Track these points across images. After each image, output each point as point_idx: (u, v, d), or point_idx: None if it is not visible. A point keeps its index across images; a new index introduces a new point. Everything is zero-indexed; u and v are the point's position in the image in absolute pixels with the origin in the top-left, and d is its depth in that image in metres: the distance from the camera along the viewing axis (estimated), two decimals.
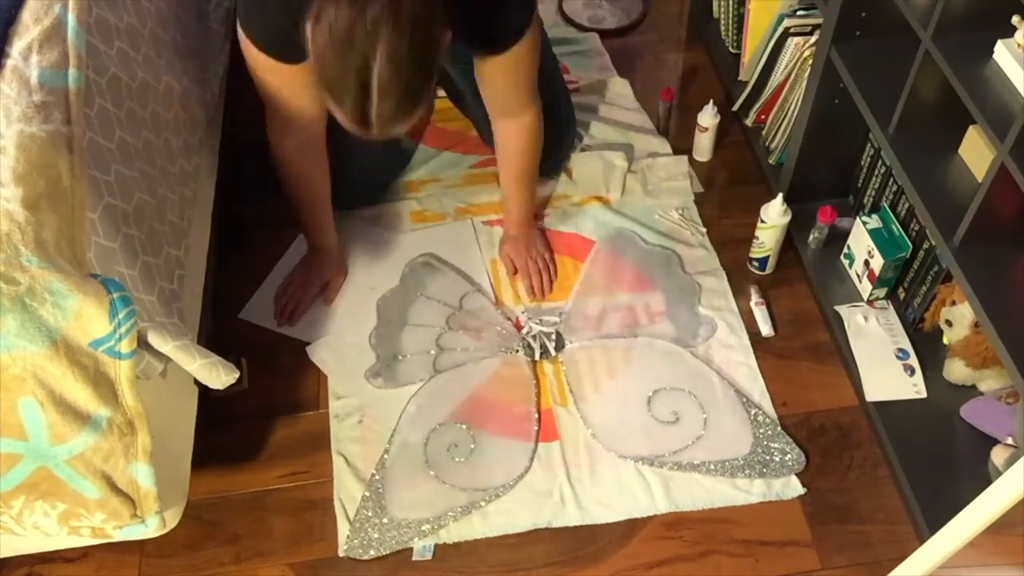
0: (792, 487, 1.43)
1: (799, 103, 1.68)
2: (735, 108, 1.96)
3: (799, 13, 1.71)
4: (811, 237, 1.70)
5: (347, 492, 1.43)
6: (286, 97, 1.46)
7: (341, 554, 1.37)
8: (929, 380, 1.49)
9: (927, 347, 1.53)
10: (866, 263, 1.58)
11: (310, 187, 1.61)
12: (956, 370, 1.46)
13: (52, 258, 0.99)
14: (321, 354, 1.60)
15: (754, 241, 1.67)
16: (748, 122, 1.93)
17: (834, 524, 1.39)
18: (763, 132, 1.90)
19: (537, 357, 1.59)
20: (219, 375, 1.21)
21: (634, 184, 1.86)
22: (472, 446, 1.48)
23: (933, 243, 1.45)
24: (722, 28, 2.07)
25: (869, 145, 1.64)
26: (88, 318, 1.00)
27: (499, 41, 1.36)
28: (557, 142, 1.76)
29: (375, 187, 1.82)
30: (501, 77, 1.45)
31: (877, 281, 1.57)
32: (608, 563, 1.36)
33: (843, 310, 1.61)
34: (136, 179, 1.23)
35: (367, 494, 1.42)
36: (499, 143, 1.62)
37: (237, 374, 1.24)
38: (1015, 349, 1.12)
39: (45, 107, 1.06)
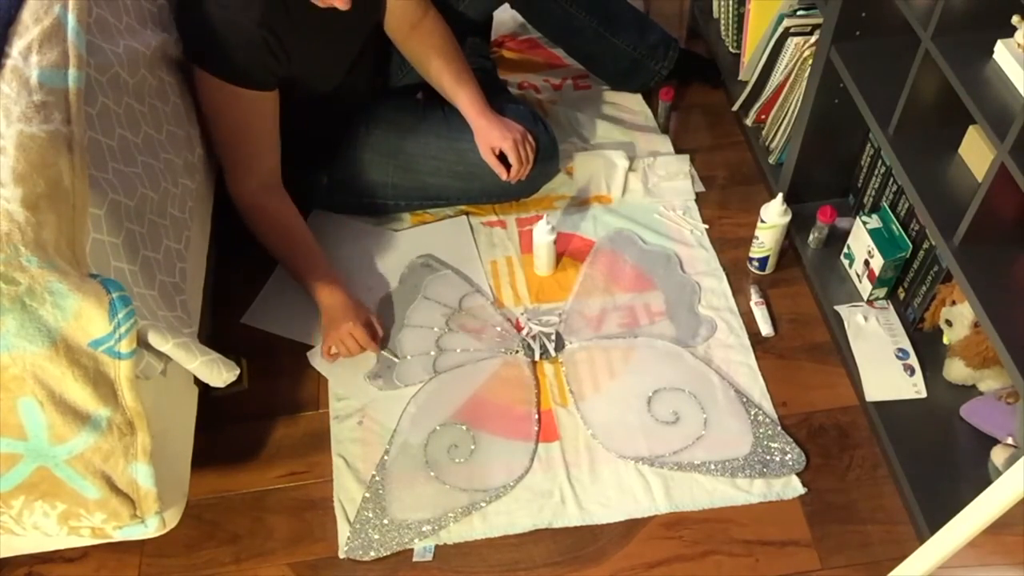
0: (792, 487, 1.43)
1: (799, 103, 1.68)
2: (735, 108, 1.96)
3: (799, 13, 1.71)
4: (811, 237, 1.70)
5: (347, 493, 1.43)
6: (249, 128, 1.50)
7: (342, 556, 1.37)
8: (929, 380, 1.49)
9: (927, 347, 1.53)
10: (866, 263, 1.58)
11: (287, 225, 1.59)
12: (956, 370, 1.46)
13: (52, 258, 0.99)
14: (321, 356, 1.60)
15: (754, 241, 1.67)
16: (748, 122, 1.93)
17: (834, 524, 1.39)
18: (763, 132, 1.90)
19: (537, 357, 1.59)
20: (220, 372, 1.21)
21: (635, 183, 1.86)
22: (472, 447, 1.48)
23: (933, 243, 1.45)
24: (722, 28, 2.07)
25: (869, 145, 1.64)
26: (88, 318, 1.00)
27: None
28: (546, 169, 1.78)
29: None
30: None
31: (877, 281, 1.57)
32: (608, 563, 1.36)
33: (843, 310, 1.61)
34: (138, 174, 1.23)
35: (367, 495, 1.42)
36: (424, 51, 1.67)
37: (238, 371, 1.24)
38: (1015, 349, 1.12)
39: (45, 107, 1.06)
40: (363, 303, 1.61)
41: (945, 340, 1.52)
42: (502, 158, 1.66)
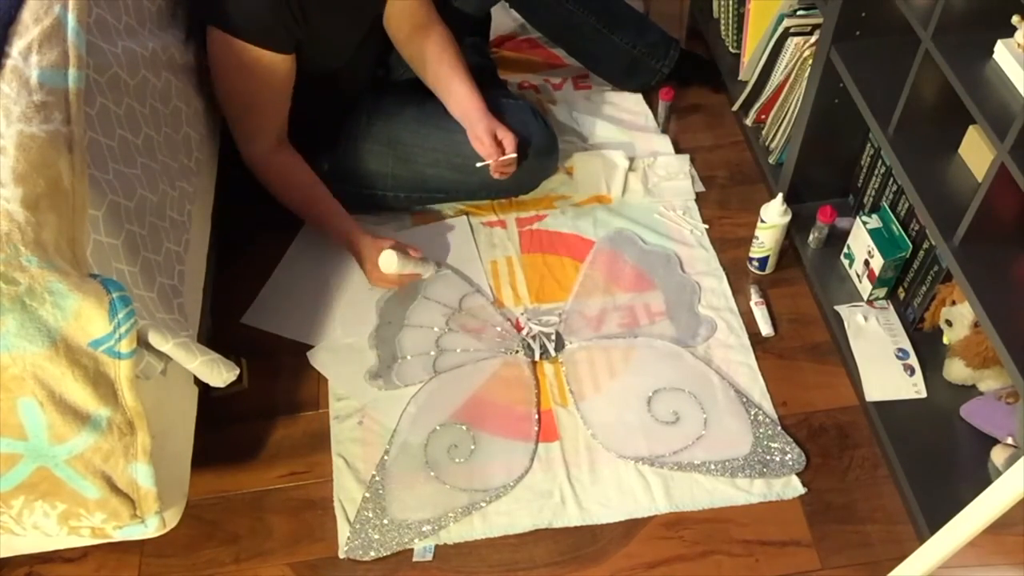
0: (792, 487, 1.43)
1: (799, 103, 1.68)
2: (735, 108, 1.96)
3: (799, 13, 1.71)
4: (811, 237, 1.70)
5: (347, 493, 1.43)
6: (264, 93, 1.52)
7: (342, 556, 1.37)
8: (929, 380, 1.49)
9: (927, 347, 1.53)
10: (866, 263, 1.58)
11: (300, 179, 1.65)
12: (956, 370, 1.46)
13: (52, 258, 0.99)
14: (321, 356, 1.60)
15: (754, 241, 1.67)
16: (748, 122, 1.93)
17: (834, 524, 1.39)
18: (763, 132, 1.90)
19: (537, 357, 1.59)
20: (220, 372, 1.21)
21: (635, 183, 1.86)
22: (472, 447, 1.48)
23: (933, 243, 1.45)
24: (722, 28, 2.07)
25: (869, 145, 1.64)
26: (88, 318, 1.00)
27: None
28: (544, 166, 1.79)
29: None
30: None
31: (877, 281, 1.57)
32: (608, 563, 1.36)
33: (843, 310, 1.61)
34: (137, 175, 1.23)
35: (367, 495, 1.42)
36: (432, 52, 1.68)
37: (237, 371, 1.24)
38: (1015, 349, 1.12)
39: (45, 107, 1.06)
40: (378, 240, 1.64)
41: (945, 340, 1.52)
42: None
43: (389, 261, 1.57)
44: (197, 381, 1.37)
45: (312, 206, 1.67)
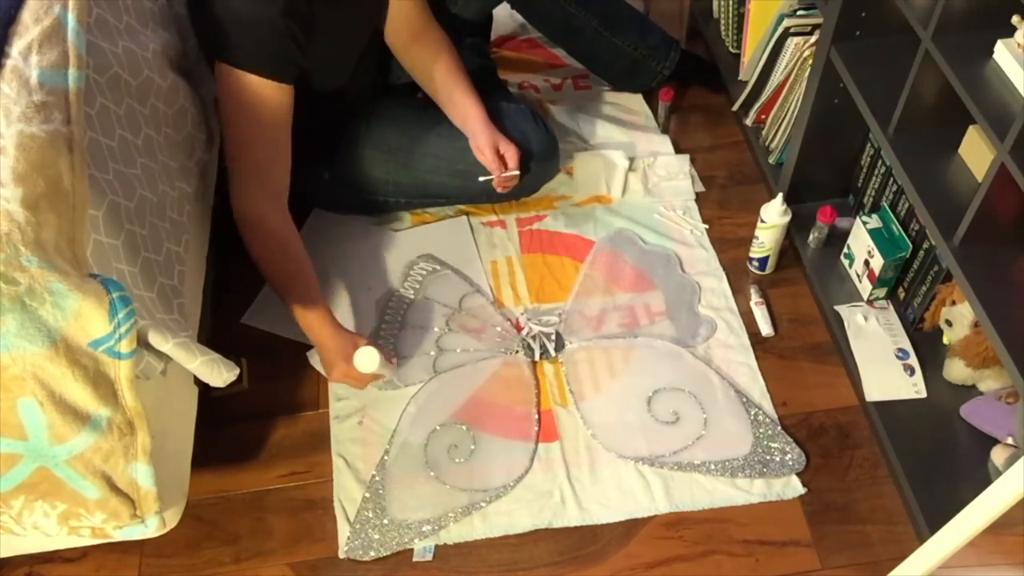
0: (792, 487, 1.43)
1: (799, 103, 1.68)
2: (735, 108, 1.96)
3: (799, 13, 1.71)
4: (811, 237, 1.70)
5: (347, 493, 1.43)
6: (267, 127, 1.45)
7: (342, 556, 1.37)
8: (929, 380, 1.49)
9: (927, 347, 1.53)
10: (866, 263, 1.58)
11: (287, 251, 1.49)
12: (956, 370, 1.46)
13: (52, 258, 0.99)
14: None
15: (754, 241, 1.67)
16: (748, 122, 1.93)
17: (834, 524, 1.39)
18: (763, 132, 1.90)
19: (537, 358, 1.59)
20: (220, 372, 1.21)
21: (635, 183, 1.86)
22: (472, 447, 1.48)
23: (933, 243, 1.45)
24: (722, 28, 2.07)
25: (869, 145, 1.64)
26: (88, 318, 1.00)
27: None
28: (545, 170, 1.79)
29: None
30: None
31: (877, 281, 1.57)
32: (608, 563, 1.36)
33: (843, 310, 1.61)
34: (137, 176, 1.23)
35: (367, 495, 1.42)
36: (431, 59, 1.67)
37: (237, 371, 1.24)
38: (1015, 349, 1.12)
39: (45, 107, 1.06)
40: (353, 335, 1.49)
41: (945, 340, 1.52)
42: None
43: (371, 360, 1.41)
44: (197, 381, 1.37)
45: (293, 282, 1.48)
